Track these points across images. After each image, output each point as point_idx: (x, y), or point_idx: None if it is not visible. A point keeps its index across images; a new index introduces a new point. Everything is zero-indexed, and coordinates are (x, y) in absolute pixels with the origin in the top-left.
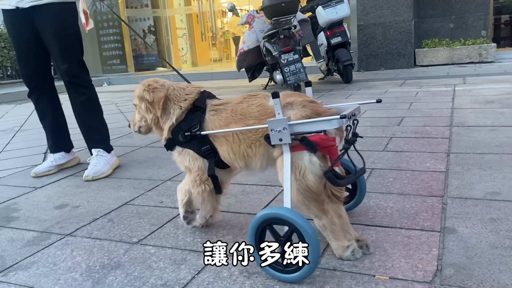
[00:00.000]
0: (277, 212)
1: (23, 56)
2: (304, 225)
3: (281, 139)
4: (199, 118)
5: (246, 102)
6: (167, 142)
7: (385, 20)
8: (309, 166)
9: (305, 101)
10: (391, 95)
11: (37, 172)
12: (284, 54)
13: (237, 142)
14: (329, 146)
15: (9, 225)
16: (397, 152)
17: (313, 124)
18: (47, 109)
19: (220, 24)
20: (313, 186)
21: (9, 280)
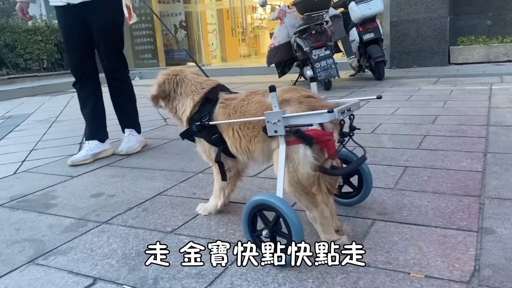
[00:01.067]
0: (266, 199)
1: (71, 47)
2: (289, 212)
3: (276, 130)
4: (210, 109)
5: (247, 99)
6: (183, 131)
7: (419, 17)
8: (302, 160)
9: (302, 96)
10: (424, 93)
11: (74, 161)
12: (315, 50)
13: (237, 139)
14: (326, 141)
15: (48, 211)
16: (432, 150)
17: (306, 117)
18: (89, 98)
19: (250, 19)
20: (303, 180)
21: (49, 263)
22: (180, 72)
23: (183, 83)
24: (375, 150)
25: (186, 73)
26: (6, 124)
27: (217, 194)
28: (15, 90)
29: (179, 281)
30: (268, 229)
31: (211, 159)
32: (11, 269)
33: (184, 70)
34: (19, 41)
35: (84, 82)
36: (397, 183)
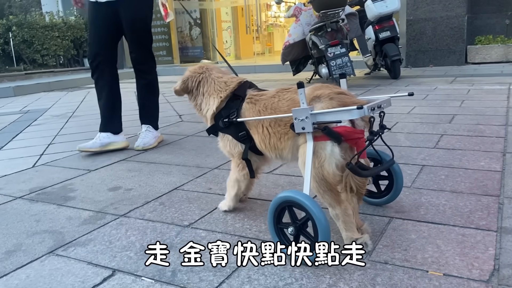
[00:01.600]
0: (293, 196)
1: (93, 36)
2: (317, 212)
3: (304, 127)
4: (237, 106)
5: (278, 96)
6: (209, 127)
7: (436, 15)
8: (329, 156)
9: (333, 93)
10: (441, 92)
11: (81, 147)
12: (331, 48)
13: (267, 136)
14: (356, 138)
15: (67, 204)
16: (449, 149)
17: (334, 114)
18: (104, 89)
19: (265, 17)
20: (328, 177)
21: (69, 254)
22: (206, 70)
23: (206, 83)
24: (392, 149)
25: (211, 72)
26: (24, 119)
27: (232, 185)
28: (32, 85)
29: (196, 274)
30: (295, 226)
31: (232, 154)
32: (32, 259)
33: (211, 69)
34: (36, 37)
35: (101, 72)
36: (414, 181)
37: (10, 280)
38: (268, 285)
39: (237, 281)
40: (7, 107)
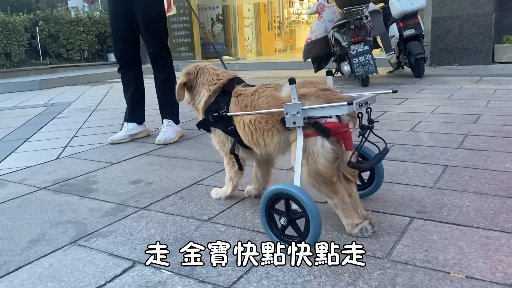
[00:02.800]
0: (286, 188)
1: (117, 36)
2: (309, 203)
3: (295, 122)
4: (227, 100)
5: (257, 93)
6: (200, 121)
7: (463, 13)
8: (321, 151)
9: (318, 90)
10: (466, 92)
11: (113, 139)
12: (354, 45)
13: (249, 132)
14: (343, 132)
15: (89, 195)
16: (474, 150)
17: (324, 110)
18: (130, 84)
19: (287, 14)
20: (322, 171)
21: (91, 245)
22: (201, 64)
23: (202, 73)
24: (414, 148)
25: (206, 65)
26: (49, 111)
27: (228, 183)
28: (57, 79)
29: (215, 268)
30: (288, 218)
31: (224, 150)
32: (55, 248)
33: (207, 64)
34: (62, 32)
35: (127, 69)
36: (437, 182)
37: (34, 268)
38: (286, 281)
39: (256, 276)
40: (33, 100)
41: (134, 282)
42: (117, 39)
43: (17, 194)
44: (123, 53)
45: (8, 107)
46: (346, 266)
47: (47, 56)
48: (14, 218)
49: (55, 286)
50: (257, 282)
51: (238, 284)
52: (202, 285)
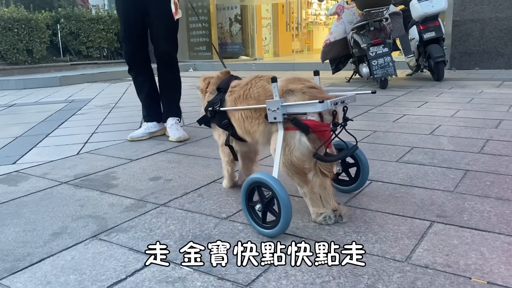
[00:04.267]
0: (261, 177)
1: (129, 37)
2: (279, 190)
3: (275, 117)
4: (221, 96)
5: (250, 83)
6: (200, 117)
7: (485, 16)
8: (298, 145)
9: (305, 87)
10: (487, 96)
11: (133, 137)
12: (373, 47)
13: (241, 121)
14: (323, 131)
15: (109, 191)
16: (495, 155)
17: (301, 107)
18: (144, 85)
19: (305, 15)
20: (296, 162)
21: (111, 240)
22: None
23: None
24: (434, 152)
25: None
26: (69, 108)
27: (223, 170)
28: (77, 76)
29: (234, 266)
30: (262, 204)
31: (219, 142)
32: (77, 242)
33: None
34: (82, 29)
35: (140, 70)
36: (457, 186)
37: (56, 260)
38: (305, 281)
39: (274, 275)
40: (54, 96)
41: (154, 277)
42: (130, 40)
43: (39, 188)
44: (137, 54)
45: (30, 102)
46: (366, 267)
47: (68, 53)
48: (37, 211)
49: (77, 278)
50: (276, 281)
51: (257, 282)
52: (221, 282)
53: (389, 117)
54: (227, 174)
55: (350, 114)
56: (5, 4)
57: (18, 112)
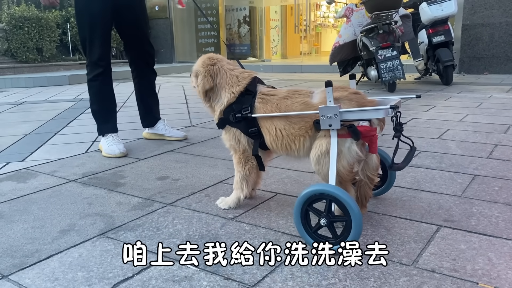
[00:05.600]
0: (329, 189)
1: (99, 36)
2: (354, 206)
3: (331, 124)
4: (250, 101)
5: (290, 98)
6: (219, 121)
7: (495, 21)
8: (347, 153)
9: (350, 94)
10: (496, 101)
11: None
12: (382, 50)
13: (280, 137)
14: (371, 136)
15: (117, 189)
16: (504, 160)
17: (361, 113)
18: (111, 91)
19: (313, 17)
20: (342, 171)
21: (119, 238)
22: (217, 61)
23: (219, 73)
24: (442, 156)
25: (222, 63)
26: (78, 106)
27: (239, 186)
28: (86, 75)
29: (240, 266)
30: (326, 217)
31: (235, 149)
32: (85, 239)
33: (221, 60)
34: None
35: (107, 74)
36: (465, 191)
37: (64, 257)
38: (311, 283)
39: (280, 277)
40: (62, 95)
41: (160, 275)
42: (98, 39)
43: (48, 185)
44: (105, 55)
45: (39, 100)
46: (372, 270)
47: (77, 52)
48: (45, 208)
49: (85, 275)
50: (282, 282)
51: (263, 283)
52: (227, 282)
53: None
54: (243, 186)
55: None
56: (16, 3)
57: (27, 110)
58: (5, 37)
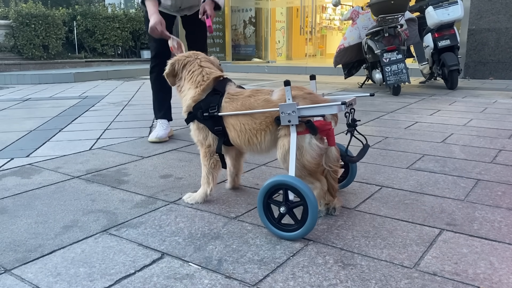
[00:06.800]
0: (285, 179)
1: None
2: (307, 191)
3: (290, 120)
4: (217, 101)
5: (253, 96)
6: (188, 116)
7: (501, 26)
8: (308, 147)
9: (305, 93)
10: (501, 106)
11: (152, 139)
12: (387, 53)
13: (243, 131)
14: (327, 130)
15: (120, 186)
16: (508, 166)
17: (317, 109)
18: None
19: (319, 19)
20: (307, 165)
21: (121, 234)
22: (193, 55)
23: (189, 67)
24: (445, 160)
25: (198, 57)
26: (82, 104)
27: (206, 181)
28: (91, 72)
29: (242, 265)
30: (285, 205)
31: (202, 143)
32: (87, 235)
33: (198, 56)
34: (98, 27)
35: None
36: (468, 195)
37: (67, 253)
38: (312, 283)
39: (282, 276)
40: (68, 92)
41: (162, 273)
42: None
43: (52, 181)
44: (162, 52)
45: (44, 97)
46: (374, 272)
47: (83, 50)
48: (49, 204)
49: (87, 271)
50: (283, 282)
51: (264, 282)
52: (229, 280)
53: (401, 123)
54: (209, 190)
55: (362, 119)
56: (24, 0)
57: (32, 107)
58: (12, 33)
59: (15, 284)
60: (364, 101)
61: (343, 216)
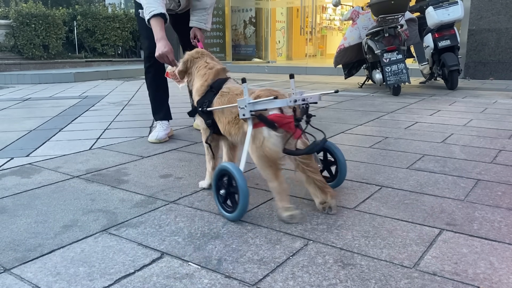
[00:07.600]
0: (226, 166)
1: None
2: (238, 176)
3: (244, 114)
4: (211, 97)
5: (240, 94)
6: (191, 111)
7: (501, 26)
8: (267, 138)
9: (262, 90)
10: (501, 107)
11: (151, 140)
12: (387, 53)
13: (225, 124)
14: (287, 123)
15: (120, 186)
16: (508, 166)
17: (263, 103)
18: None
19: (319, 19)
20: (268, 153)
21: (121, 234)
22: (201, 55)
23: (196, 64)
24: (445, 160)
25: (204, 56)
26: (82, 104)
27: (210, 175)
28: (91, 72)
29: (241, 265)
30: (225, 189)
31: (205, 130)
32: (87, 235)
33: (205, 54)
34: (98, 27)
35: (158, 67)
36: (468, 195)
37: (66, 252)
38: (312, 283)
39: (281, 276)
40: (68, 92)
41: (162, 272)
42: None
43: (51, 180)
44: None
45: (44, 97)
46: (373, 272)
47: (83, 50)
48: (49, 203)
49: (87, 271)
50: (282, 281)
51: (264, 282)
52: (228, 280)
53: (401, 124)
54: (210, 167)
55: (363, 119)
56: (24, 0)
57: (32, 106)
58: (12, 33)
59: (14, 284)
60: (364, 101)
61: (343, 216)
